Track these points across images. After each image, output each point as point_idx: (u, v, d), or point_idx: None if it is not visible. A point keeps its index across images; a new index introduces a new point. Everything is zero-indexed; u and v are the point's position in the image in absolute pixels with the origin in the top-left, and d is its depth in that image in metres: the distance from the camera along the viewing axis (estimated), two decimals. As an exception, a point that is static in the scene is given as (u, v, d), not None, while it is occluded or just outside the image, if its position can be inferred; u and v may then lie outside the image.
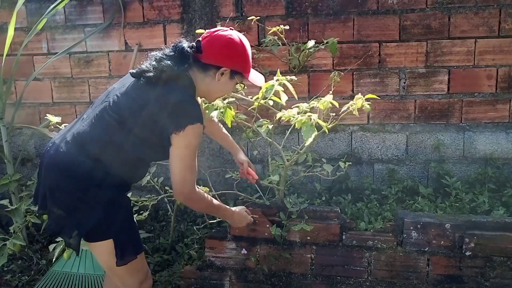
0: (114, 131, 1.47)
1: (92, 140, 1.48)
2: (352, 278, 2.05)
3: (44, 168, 1.53)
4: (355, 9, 2.44)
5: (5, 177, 2.49)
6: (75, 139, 1.49)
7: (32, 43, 2.75)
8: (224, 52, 1.51)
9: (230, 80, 1.56)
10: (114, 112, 1.47)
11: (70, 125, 1.61)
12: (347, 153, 2.56)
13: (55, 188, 1.49)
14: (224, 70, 1.51)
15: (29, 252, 2.55)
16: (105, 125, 1.48)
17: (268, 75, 2.50)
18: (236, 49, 1.51)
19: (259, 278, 2.13)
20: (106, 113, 1.49)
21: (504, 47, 2.36)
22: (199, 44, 1.51)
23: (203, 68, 1.52)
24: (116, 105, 1.48)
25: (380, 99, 2.45)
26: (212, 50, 1.50)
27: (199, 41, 1.52)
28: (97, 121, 1.49)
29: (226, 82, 1.55)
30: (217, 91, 1.59)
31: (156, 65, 1.46)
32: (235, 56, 1.52)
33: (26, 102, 2.88)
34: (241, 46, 1.52)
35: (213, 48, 1.50)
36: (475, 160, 2.48)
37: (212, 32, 1.53)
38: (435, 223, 1.95)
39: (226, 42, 1.50)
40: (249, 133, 2.18)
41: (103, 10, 2.71)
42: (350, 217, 2.20)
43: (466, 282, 1.96)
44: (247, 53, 1.54)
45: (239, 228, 2.00)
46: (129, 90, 1.50)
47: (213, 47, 1.50)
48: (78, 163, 1.46)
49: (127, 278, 1.62)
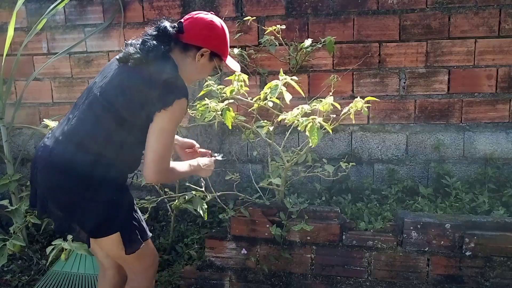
0: (106, 121, 1.47)
1: (86, 134, 1.47)
2: (352, 278, 2.05)
3: (39, 171, 1.52)
4: (355, 9, 2.44)
5: (5, 177, 2.49)
6: (68, 138, 1.48)
7: (32, 43, 2.75)
8: (205, 33, 1.55)
9: (209, 62, 1.59)
10: (102, 102, 1.48)
11: (57, 127, 1.58)
12: (347, 153, 2.56)
13: (55, 189, 1.49)
14: (204, 51, 1.55)
15: (29, 252, 2.55)
16: (94, 117, 1.48)
17: (267, 76, 2.51)
18: (216, 31, 1.56)
19: (259, 278, 2.13)
20: (95, 106, 1.49)
21: (504, 47, 2.36)
22: (181, 25, 1.54)
23: (184, 48, 1.55)
24: (103, 95, 1.48)
25: (379, 101, 2.45)
26: (194, 31, 1.54)
27: (181, 22, 1.56)
28: (86, 115, 1.49)
29: (205, 63, 1.59)
30: (195, 72, 1.61)
31: (143, 47, 1.48)
32: (215, 38, 1.56)
33: (26, 102, 2.88)
34: (222, 30, 1.57)
35: (194, 29, 1.54)
36: (475, 160, 2.48)
37: (194, 15, 1.57)
38: (435, 223, 1.95)
39: (208, 24, 1.55)
40: (248, 134, 2.18)
41: (103, 10, 2.71)
42: (350, 217, 2.20)
43: (466, 282, 1.96)
44: (226, 37, 1.59)
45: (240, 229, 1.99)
46: (114, 77, 1.50)
47: (195, 28, 1.54)
48: (76, 161, 1.46)
49: (136, 264, 1.65)
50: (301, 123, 1.67)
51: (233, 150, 2.67)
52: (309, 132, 1.64)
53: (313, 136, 1.63)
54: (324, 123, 1.68)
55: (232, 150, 2.66)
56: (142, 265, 1.66)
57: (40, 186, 1.53)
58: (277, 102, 1.80)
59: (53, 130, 1.61)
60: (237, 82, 1.86)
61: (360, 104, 1.75)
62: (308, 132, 1.65)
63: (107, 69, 1.58)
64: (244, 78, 1.87)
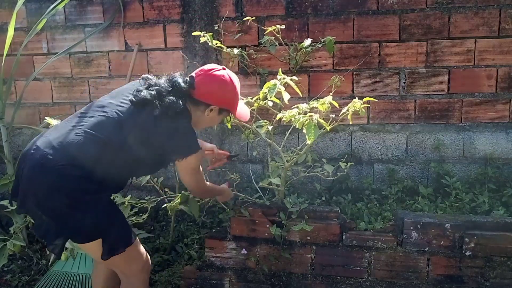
0: (109, 150, 1.51)
1: (85, 154, 1.49)
2: (352, 278, 2.05)
3: (27, 170, 1.51)
4: (355, 9, 2.44)
5: (5, 177, 2.49)
6: (66, 149, 1.48)
7: (32, 43, 2.75)
8: (215, 92, 1.64)
9: (218, 115, 1.70)
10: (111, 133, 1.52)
11: (55, 131, 1.57)
12: (347, 153, 2.56)
13: (42, 195, 1.49)
14: (213, 107, 1.65)
15: (29, 252, 2.55)
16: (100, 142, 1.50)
17: (267, 76, 2.51)
18: (226, 89, 1.64)
19: (259, 278, 2.13)
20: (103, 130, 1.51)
21: (504, 47, 2.36)
22: (193, 81, 1.63)
23: (195, 103, 1.64)
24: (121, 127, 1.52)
25: (378, 101, 2.45)
26: (204, 88, 1.62)
27: (193, 77, 1.63)
28: (91, 135, 1.51)
29: (214, 116, 1.70)
30: (205, 123, 1.73)
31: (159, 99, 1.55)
32: (225, 96, 1.66)
33: (26, 102, 2.88)
34: (231, 86, 1.65)
35: (205, 87, 1.63)
36: (475, 160, 2.48)
37: (206, 71, 1.64)
38: (435, 223, 1.94)
39: (218, 82, 1.63)
40: (248, 134, 2.18)
41: (103, 10, 2.71)
42: (350, 217, 2.20)
43: (466, 282, 1.96)
44: (236, 92, 1.68)
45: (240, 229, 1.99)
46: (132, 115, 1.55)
47: (205, 86, 1.63)
48: (69, 174, 1.47)
49: (126, 267, 1.68)
50: (298, 120, 1.68)
51: (233, 150, 2.67)
52: (306, 128, 1.65)
53: (310, 133, 1.63)
54: (321, 120, 1.68)
55: (232, 150, 2.66)
56: (131, 269, 1.69)
57: (24, 184, 1.52)
58: (277, 102, 1.80)
59: (49, 132, 1.59)
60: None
61: (359, 104, 1.74)
62: (305, 128, 1.65)
63: (122, 94, 1.62)
64: None
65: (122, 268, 1.70)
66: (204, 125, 1.78)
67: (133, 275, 1.70)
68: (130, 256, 1.64)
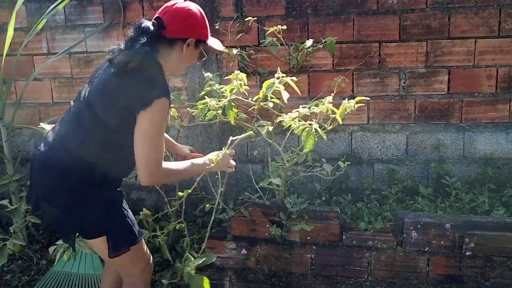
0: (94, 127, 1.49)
1: (75, 143, 1.50)
2: (352, 278, 2.05)
3: (35, 169, 1.56)
4: (355, 9, 2.44)
5: (5, 177, 2.49)
6: (60, 143, 1.53)
7: (32, 43, 2.75)
8: (188, 23, 1.54)
9: (195, 49, 1.60)
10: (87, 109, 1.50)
11: (54, 128, 1.62)
12: (347, 153, 2.56)
13: (50, 191, 1.53)
14: (190, 41, 1.55)
15: (29, 252, 2.55)
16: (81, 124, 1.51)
17: (267, 76, 2.51)
18: (197, 19, 1.56)
19: (259, 278, 2.13)
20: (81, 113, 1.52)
21: (504, 47, 2.36)
22: (160, 21, 1.52)
23: (169, 43, 1.54)
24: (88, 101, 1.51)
25: (378, 101, 2.45)
26: (175, 24, 1.52)
27: (159, 17, 1.53)
28: (76, 122, 1.52)
29: (192, 52, 1.59)
30: (184, 62, 1.62)
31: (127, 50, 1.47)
32: (197, 26, 1.57)
33: (26, 102, 2.88)
34: (201, 15, 1.57)
35: (176, 22, 1.53)
36: (475, 160, 2.48)
37: (169, 7, 1.54)
38: (435, 223, 1.95)
39: (188, 14, 1.54)
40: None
41: (103, 10, 2.71)
42: (350, 217, 2.20)
43: (466, 282, 1.96)
44: (205, 21, 1.60)
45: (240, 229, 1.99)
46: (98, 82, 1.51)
47: (176, 21, 1.53)
48: (67, 166, 1.49)
49: (128, 268, 1.68)
50: (297, 127, 1.68)
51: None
52: (304, 137, 1.65)
53: (308, 142, 1.64)
54: (319, 129, 1.67)
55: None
56: (135, 269, 1.69)
57: (34, 185, 1.57)
58: (277, 102, 1.80)
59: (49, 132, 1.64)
60: (237, 80, 1.87)
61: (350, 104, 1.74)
62: (303, 137, 1.66)
63: (95, 72, 1.60)
64: (243, 76, 1.87)
65: (126, 268, 1.69)
66: (184, 64, 1.66)
67: (136, 275, 1.70)
68: (134, 256, 1.64)
